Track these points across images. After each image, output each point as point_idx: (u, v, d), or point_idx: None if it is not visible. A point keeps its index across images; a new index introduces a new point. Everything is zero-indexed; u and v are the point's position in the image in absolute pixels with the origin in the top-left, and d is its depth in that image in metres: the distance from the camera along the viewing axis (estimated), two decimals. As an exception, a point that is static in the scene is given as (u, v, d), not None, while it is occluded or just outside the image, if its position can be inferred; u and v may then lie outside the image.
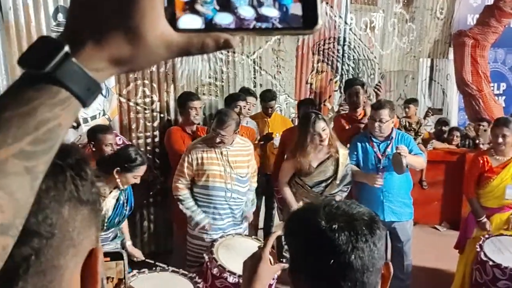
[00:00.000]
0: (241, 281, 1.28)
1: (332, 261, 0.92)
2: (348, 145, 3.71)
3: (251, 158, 3.34)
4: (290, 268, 1.04)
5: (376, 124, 3.44)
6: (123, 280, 1.05)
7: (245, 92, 4.62)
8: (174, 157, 3.70)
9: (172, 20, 0.45)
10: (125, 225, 3.18)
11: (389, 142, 3.52)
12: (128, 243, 3.11)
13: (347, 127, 3.99)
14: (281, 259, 1.30)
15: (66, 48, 0.43)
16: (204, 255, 3.03)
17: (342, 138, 3.66)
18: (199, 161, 3.17)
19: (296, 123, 4.46)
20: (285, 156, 3.56)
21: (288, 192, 3.44)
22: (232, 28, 0.45)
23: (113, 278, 1.06)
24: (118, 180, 2.81)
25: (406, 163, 3.30)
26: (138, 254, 3.09)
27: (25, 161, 0.41)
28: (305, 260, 0.99)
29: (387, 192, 3.51)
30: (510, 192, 3.34)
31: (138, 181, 2.92)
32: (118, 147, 3.34)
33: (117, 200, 2.93)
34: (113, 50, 0.44)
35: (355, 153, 3.60)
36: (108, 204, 2.88)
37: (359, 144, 3.60)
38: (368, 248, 0.93)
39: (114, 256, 1.10)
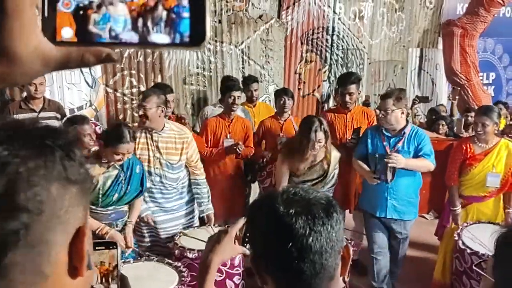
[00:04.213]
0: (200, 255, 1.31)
1: (290, 244, 0.94)
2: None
3: (188, 146, 3.30)
4: (252, 255, 1.05)
5: (381, 114, 3.32)
6: (116, 265, 1.07)
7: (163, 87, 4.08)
8: None
9: (52, 32, 0.45)
10: (137, 205, 3.18)
11: (400, 137, 3.31)
12: (129, 225, 3.08)
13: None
14: (244, 244, 1.32)
15: None
16: (168, 244, 3.22)
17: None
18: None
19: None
20: (279, 158, 3.50)
21: None
22: (115, 43, 0.45)
23: (105, 262, 1.08)
24: (103, 154, 2.89)
25: (392, 173, 3.21)
26: (127, 241, 3.04)
27: None
28: (265, 246, 1.01)
29: (393, 189, 3.35)
30: (491, 180, 3.35)
31: (120, 157, 2.89)
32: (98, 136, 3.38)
33: (116, 176, 2.96)
34: None
35: (364, 144, 3.47)
36: (107, 180, 2.93)
37: (369, 136, 3.45)
38: (326, 230, 0.95)
39: (108, 245, 1.13)
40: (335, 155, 3.42)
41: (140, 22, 0.45)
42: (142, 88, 4.93)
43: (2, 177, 0.47)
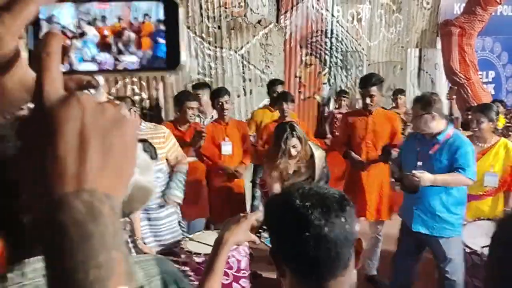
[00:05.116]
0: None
1: (307, 234, 1.00)
2: None
3: (166, 140, 3.44)
4: (272, 249, 1.11)
5: (412, 118, 3.25)
6: None
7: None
8: None
9: None
10: (137, 222, 3.22)
11: (434, 143, 3.10)
12: (140, 241, 3.19)
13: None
14: (257, 235, 1.40)
15: None
16: (174, 249, 3.28)
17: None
18: None
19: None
20: (265, 166, 3.52)
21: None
22: (93, 71, 0.47)
23: None
24: None
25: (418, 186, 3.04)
26: (149, 251, 3.18)
27: None
28: (283, 237, 1.07)
29: (420, 199, 3.13)
30: (488, 179, 3.35)
31: None
32: None
33: None
34: None
35: (402, 150, 3.39)
36: None
37: (407, 141, 3.38)
38: (340, 222, 1.02)
39: None
40: (320, 154, 3.38)
41: (115, 48, 0.47)
42: (144, 96, 4.99)
43: None
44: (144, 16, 0.47)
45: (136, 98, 4.95)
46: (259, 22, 5.79)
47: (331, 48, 6.53)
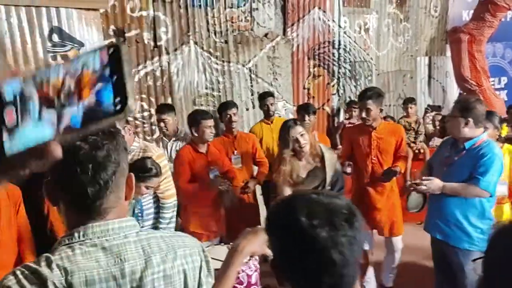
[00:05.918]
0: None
1: (312, 256, 0.94)
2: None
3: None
4: (273, 263, 1.05)
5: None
6: None
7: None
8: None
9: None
10: None
11: (461, 149, 2.99)
12: None
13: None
14: None
15: None
16: None
17: None
18: None
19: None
20: (275, 175, 3.30)
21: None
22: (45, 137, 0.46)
23: None
24: None
25: (417, 203, 3.07)
26: None
27: None
28: (285, 252, 1.01)
29: (439, 205, 3.04)
30: (499, 189, 3.18)
31: (151, 192, 3.02)
32: None
33: (133, 211, 3.04)
34: None
35: (433, 155, 3.33)
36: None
37: (440, 146, 3.28)
38: (348, 242, 0.95)
39: None
40: (329, 156, 3.20)
41: (57, 103, 0.46)
42: (153, 111, 5.00)
43: (103, 150, 0.98)
44: (83, 66, 0.46)
45: (145, 114, 4.97)
46: (266, 35, 5.81)
47: (339, 58, 6.51)
